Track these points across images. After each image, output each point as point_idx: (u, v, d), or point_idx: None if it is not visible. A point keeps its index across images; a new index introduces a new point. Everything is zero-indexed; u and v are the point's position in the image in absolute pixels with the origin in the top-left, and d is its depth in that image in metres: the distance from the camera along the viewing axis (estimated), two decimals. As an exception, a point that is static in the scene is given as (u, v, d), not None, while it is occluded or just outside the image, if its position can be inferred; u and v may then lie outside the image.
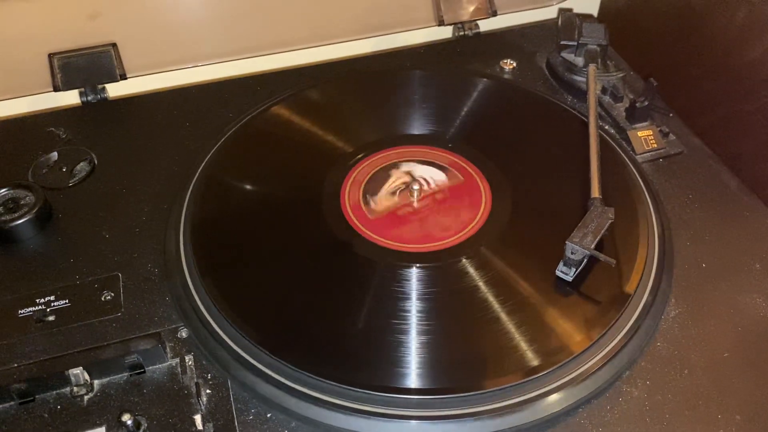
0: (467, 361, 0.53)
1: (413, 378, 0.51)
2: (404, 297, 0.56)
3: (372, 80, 0.80)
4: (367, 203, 0.64)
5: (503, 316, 0.55)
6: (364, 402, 0.50)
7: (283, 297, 0.57)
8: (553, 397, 0.50)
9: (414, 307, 0.55)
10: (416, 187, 0.64)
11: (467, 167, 0.68)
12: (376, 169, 0.67)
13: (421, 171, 0.67)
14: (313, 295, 0.57)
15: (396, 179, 0.66)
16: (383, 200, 0.64)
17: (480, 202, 0.64)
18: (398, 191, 0.65)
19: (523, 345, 0.53)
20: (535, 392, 0.50)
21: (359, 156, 0.69)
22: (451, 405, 0.50)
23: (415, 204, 0.64)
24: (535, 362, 0.51)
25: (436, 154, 0.69)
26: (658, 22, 0.85)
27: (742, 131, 0.74)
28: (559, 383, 0.51)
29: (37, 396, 0.50)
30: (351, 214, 0.63)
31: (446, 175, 0.67)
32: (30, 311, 0.56)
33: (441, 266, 0.59)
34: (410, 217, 0.63)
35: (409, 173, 0.67)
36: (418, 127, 0.73)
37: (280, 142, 0.71)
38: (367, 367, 0.52)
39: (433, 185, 0.66)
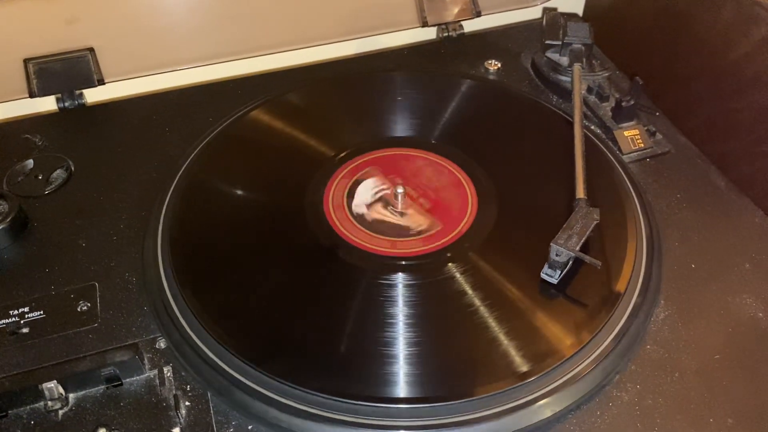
0: (454, 369, 0.52)
1: (400, 387, 0.50)
2: (390, 303, 0.55)
3: (354, 83, 0.79)
4: (382, 233, 0.61)
5: (490, 321, 0.53)
6: (350, 412, 0.49)
7: (265, 305, 0.55)
8: (542, 402, 0.49)
9: (400, 312, 0.54)
10: (400, 190, 0.63)
11: (452, 169, 0.66)
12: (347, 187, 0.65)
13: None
14: (295, 303, 0.56)
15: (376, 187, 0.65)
16: (388, 222, 0.62)
17: (466, 204, 0.63)
18: (382, 203, 0.64)
19: (511, 350, 0.52)
20: (523, 399, 0.49)
21: (343, 160, 0.68)
22: (439, 413, 0.49)
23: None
24: (522, 368, 0.50)
25: (421, 156, 0.68)
26: (644, 20, 0.85)
27: (729, 130, 0.73)
28: (548, 389, 0.50)
29: (9, 411, 0.49)
30: (335, 219, 0.62)
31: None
32: (3, 323, 0.54)
33: (427, 270, 0.57)
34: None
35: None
36: (402, 130, 0.72)
37: (262, 147, 0.69)
38: (352, 377, 0.50)
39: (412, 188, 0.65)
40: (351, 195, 0.64)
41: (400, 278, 0.57)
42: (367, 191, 0.64)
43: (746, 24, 0.70)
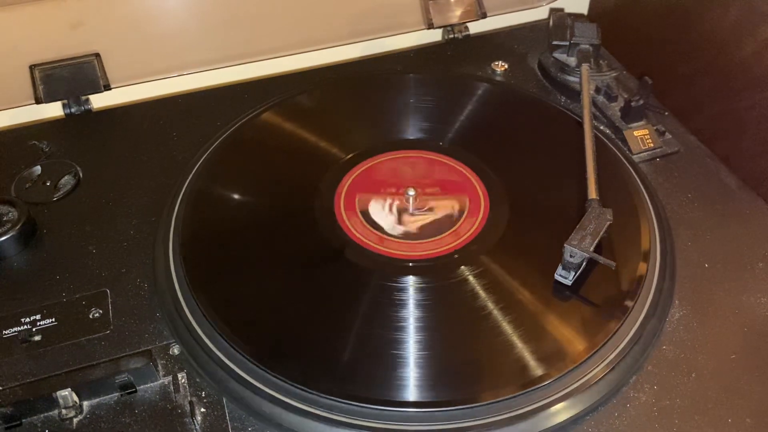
0: (468, 372, 0.51)
1: (412, 390, 0.49)
2: (402, 306, 0.55)
3: (362, 85, 0.79)
4: (393, 235, 0.61)
5: (503, 323, 0.53)
6: (363, 416, 0.48)
7: (278, 309, 0.55)
8: (559, 406, 0.49)
9: (412, 316, 0.54)
10: (411, 192, 0.63)
11: (463, 171, 0.66)
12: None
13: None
14: (308, 307, 0.55)
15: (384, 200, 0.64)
16: (399, 225, 0.62)
17: (477, 206, 0.63)
18: (393, 205, 0.64)
19: (525, 353, 0.51)
20: (540, 402, 0.49)
21: (352, 162, 0.67)
22: (453, 418, 0.48)
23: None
24: (538, 371, 0.50)
25: (430, 158, 0.68)
26: (650, 20, 0.85)
27: (739, 128, 0.73)
28: (565, 392, 0.49)
29: (24, 420, 0.48)
30: (346, 221, 0.61)
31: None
32: (15, 331, 0.54)
33: (439, 272, 0.57)
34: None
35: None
36: (411, 132, 0.71)
37: (270, 150, 0.69)
38: (365, 380, 0.50)
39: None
40: (366, 210, 0.63)
41: (411, 281, 0.56)
42: (381, 214, 0.63)
43: (754, 22, 0.70)
